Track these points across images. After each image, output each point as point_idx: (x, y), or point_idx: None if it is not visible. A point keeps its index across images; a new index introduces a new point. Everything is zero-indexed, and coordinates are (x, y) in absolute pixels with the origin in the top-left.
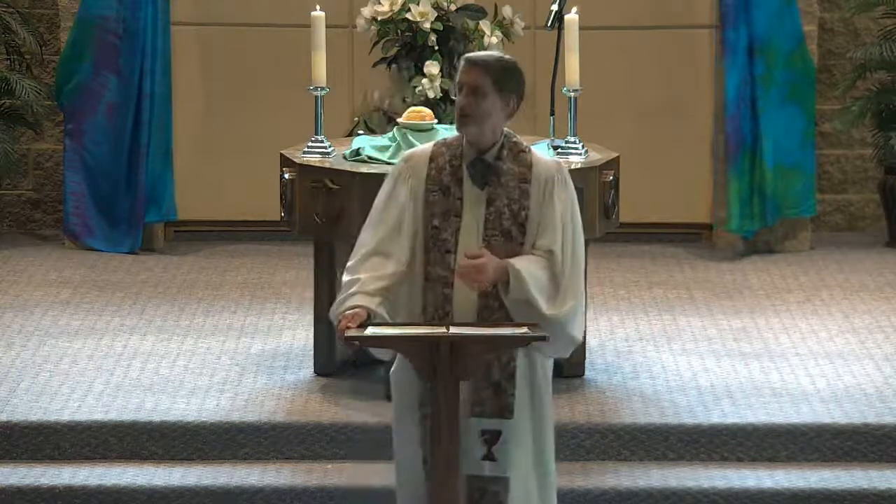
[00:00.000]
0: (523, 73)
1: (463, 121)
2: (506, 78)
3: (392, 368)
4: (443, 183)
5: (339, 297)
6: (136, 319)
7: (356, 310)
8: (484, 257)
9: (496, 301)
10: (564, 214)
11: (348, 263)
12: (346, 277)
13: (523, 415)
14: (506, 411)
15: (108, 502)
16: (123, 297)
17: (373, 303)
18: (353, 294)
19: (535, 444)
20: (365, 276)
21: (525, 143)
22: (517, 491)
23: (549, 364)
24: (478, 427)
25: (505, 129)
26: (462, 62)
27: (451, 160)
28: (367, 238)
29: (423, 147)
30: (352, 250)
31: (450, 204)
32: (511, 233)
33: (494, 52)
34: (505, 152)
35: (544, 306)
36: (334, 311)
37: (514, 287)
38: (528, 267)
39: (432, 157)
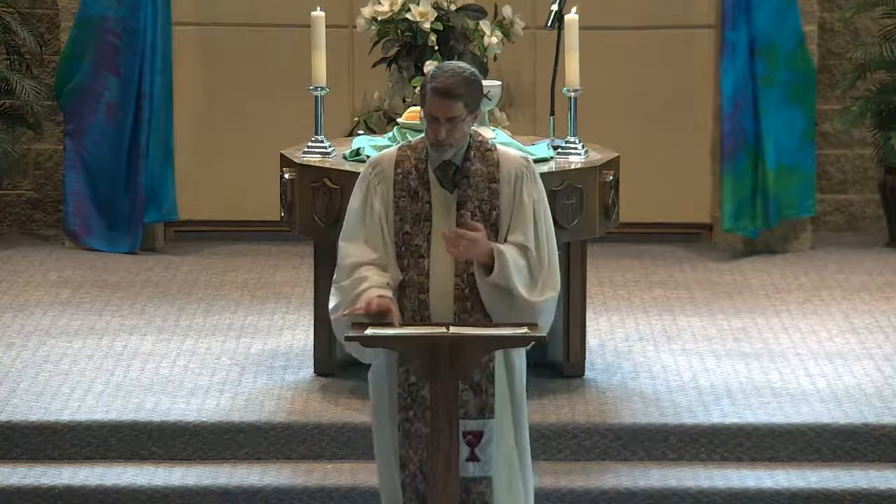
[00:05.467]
0: (481, 78)
1: (441, 147)
2: (473, 96)
3: (370, 370)
4: (410, 188)
5: (346, 298)
6: (136, 319)
7: (380, 299)
8: (481, 233)
9: (472, 302)
10: (536, 210)
11: (337, 274)
12: (344, 282)
13: (504, 413)
14: (487, 411)
15: (108, 502)
16: (123, 297)
17: (388, 293)
18: (367, 289)
19: (516, 440)
20: (370, 275)
21: (490, 141)
22: (503, 489)
23: (524, 360)
24: (461, 429)
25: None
26: (430, 91)
27: (417, 164)
28: (354, 250)
29: (389, 151)
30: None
31: (419, 209)
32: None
33: (455, 69)
34: (472, 153)
35: (524, 292)
36: (346, 302)
37: (497, 269)
38: (510, 252)
39: (398, 162)
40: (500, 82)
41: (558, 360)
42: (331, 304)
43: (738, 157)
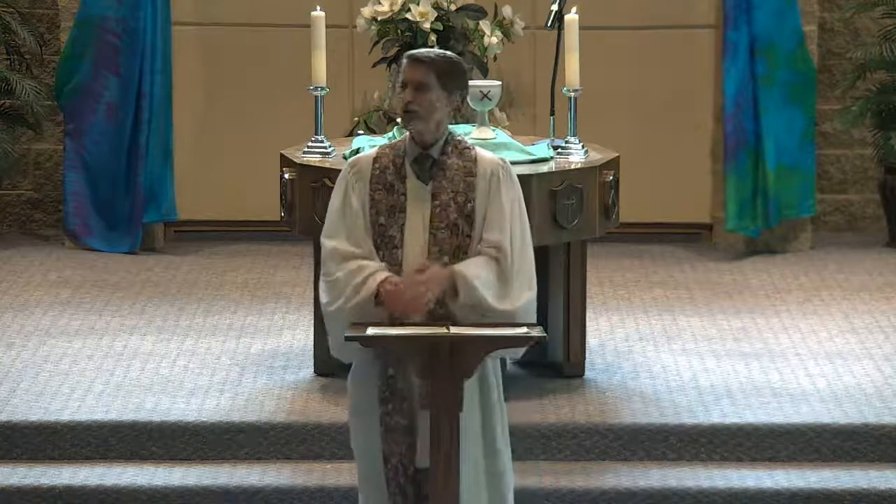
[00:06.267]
0: (466, 70)
1: (408, 116)
2: (450, 74)
3: (349, 376)
4: (386, 181)
5: (346, 288)
6: (136, 319)
7: (389, 278)
8: (427, 271)
9: (440, 307)
10: (512, 209)
11: (324, 269)
12: (337, 274)
13: (473, 407)
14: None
15: (108, 502)
16: (123, 297)
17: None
18: (371, 275)
19: (483, 435)
20: (366, 263)
21: (471, 143)
22: (466, 482)
23: (497, 365)
24: (426, 422)
25: (448, 126)
26: (405, 60)
27: (395, 159)
28: (337, 244)
29: (369, 151)
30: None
31: (394, 200)
32: (458, 225)
33: (437, 49)
34: (449, 148)
35: (497, 305)
36: (349, 299)
37: (462, 293)
38: (472, 270)
39: (376, 159)
40: (500, 82)
41: (558, 360)
42: (324, 299)
43: (739, 158)
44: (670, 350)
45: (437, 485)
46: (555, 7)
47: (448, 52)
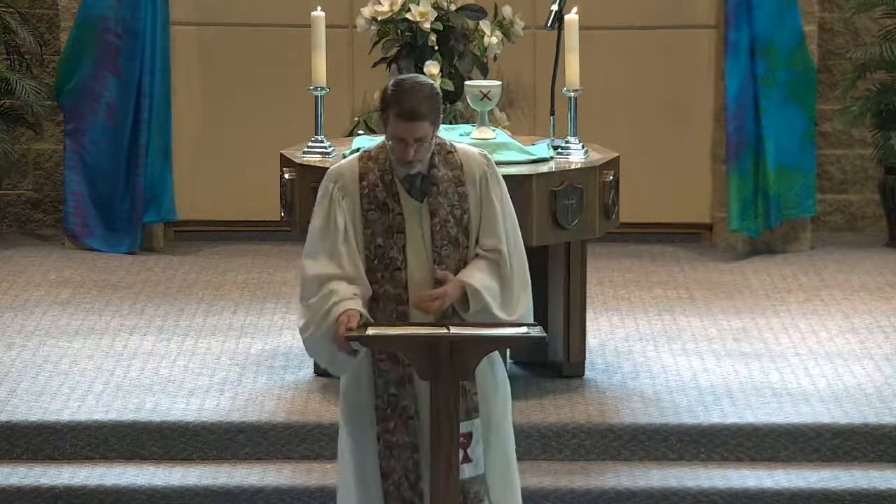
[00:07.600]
0: (439, 91)
1: (410, 165)
2: (436, 110)
3: (341, 394)
4: (378, 200)
5: (316, 314)
6: (136, 319)
7: (349, 312)
8: (443, 290)
9: (450, 309)
10: (503, 209)
11: (303, 292)
12: (312, 299)
13: (495, 411)
14: (472, 411)
15: (108, 502)
16: (123, 297)
17: (358, 305)
18: (337, 303)
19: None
20: (339, 288)
21: (449, 142)
22: (497, 488)
23: (496, 356)
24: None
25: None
26: (394, 116)
27: (383, 175)
28: (318, 266)
29: (349, 163)
30: None
31: (391, 221)
32: (458, 239)
33: (415, 87)
34: (436, 158)
35: (505, 316)
36: (318, 326)
37: (473, 307)
38: (482, 280)
39: (362, 175)
40: (500, 82)
41: (558, 360)
42: (300, 323)
43: (741, 158)
44: (670, 350)
45: (438, 486)
46: (555, 7)
47: (425, 85)
